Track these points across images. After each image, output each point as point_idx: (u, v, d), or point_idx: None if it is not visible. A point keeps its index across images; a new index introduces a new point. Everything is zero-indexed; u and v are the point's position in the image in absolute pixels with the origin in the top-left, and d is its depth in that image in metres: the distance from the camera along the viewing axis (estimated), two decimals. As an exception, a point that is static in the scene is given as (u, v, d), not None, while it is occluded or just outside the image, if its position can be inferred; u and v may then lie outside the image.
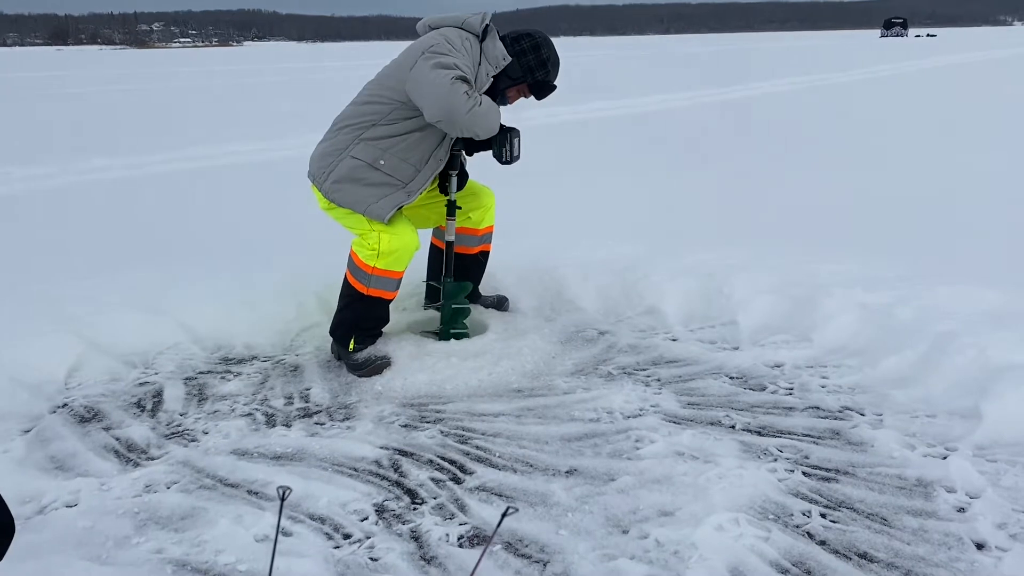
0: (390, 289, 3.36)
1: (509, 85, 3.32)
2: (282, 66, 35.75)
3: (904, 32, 76.58)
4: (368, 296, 3.32)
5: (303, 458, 2.67)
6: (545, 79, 3.35)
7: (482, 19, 3.23)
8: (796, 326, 3.53)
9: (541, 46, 3.31)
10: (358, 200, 3.22)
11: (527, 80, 3.33)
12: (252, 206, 6.22)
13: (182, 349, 3.59)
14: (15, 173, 7.93)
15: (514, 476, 2.51)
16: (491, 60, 3.23)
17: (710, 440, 2.67)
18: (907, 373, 3.06)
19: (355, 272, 3.32)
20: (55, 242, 5.18)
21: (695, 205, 5.73)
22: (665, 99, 14.60)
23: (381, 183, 3.22)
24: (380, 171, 3.21)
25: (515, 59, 3.27)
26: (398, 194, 3.25)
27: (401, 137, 3.21)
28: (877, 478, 2.47)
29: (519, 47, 3.29)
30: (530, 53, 3.30)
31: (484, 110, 3.08)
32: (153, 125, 12.11)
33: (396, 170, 3.23)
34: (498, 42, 3.26)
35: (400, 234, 3.26)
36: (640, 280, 4.02)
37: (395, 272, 3.32)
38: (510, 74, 3.28)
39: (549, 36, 3.41)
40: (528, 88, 3.38)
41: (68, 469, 2.63)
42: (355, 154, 3.21)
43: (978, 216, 5.13)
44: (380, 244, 3.23)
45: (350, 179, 3.21)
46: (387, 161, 3.21)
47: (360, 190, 3.21)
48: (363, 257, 3.28)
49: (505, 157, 3.30)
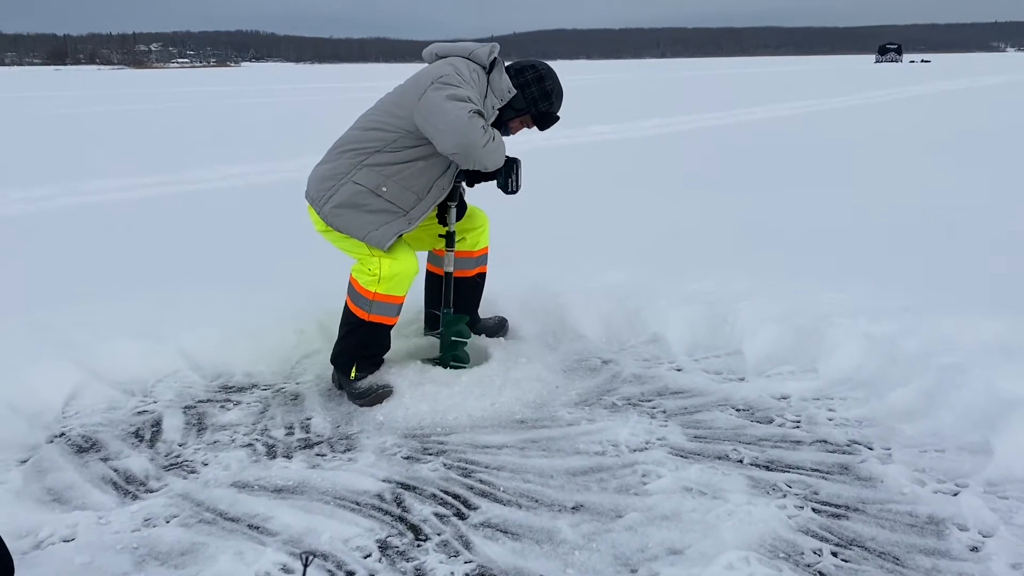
0: (391, 315, 3.33)
1: (513, 116, 3.34)
2: (281, 87, 35.86)
3: (899, 58, 77.18)
4: (369, 322, 3.29)
5: (304, 491, 2.63)
6: (548, 110, 3.38)
7: (490, 52, 3.25)
8: (801, 356, 3.50)
9: (544, 78, 3.34)
10: (358, 226, 3.20)
11: (531, 111, 3.35)
12: (251, 230, 6.19)
13: (181, 377, 3.55)
14: (12, 195, 7.89)
15: (519, 512, 2.47)
16: (497, 92, 3.24)
17: (718, 475, 2.64)
18: (914, 406, 3.04)
19: (356, 299, 3.29)
20: (53, 265, 5.14)
21: (696, 231, 5.71)
22: (664, 123, 14.65)
23: (382, 210, 3.20)
24: (382, 198, 3.19)
25: (519, 90, 3.29)
26: (399, 221, 3.23)
27: (405, 165, 3.20)
28: (888, 515, 2.43)
29: (523, 79, 3.31)
30: (534, 85, 3.32)
31: (497, 144, 3.10)
32: (151, 146, 12.10)
33: (398, 198, 3.21)
34: (504, 75, 3.27)
35: (400, 259, 3.24)
36: (643, 307, 4.00)
37: (396, 297, 3.29)
38: (514, 105, 3.30)
39: (551, 66, 3.42)
40: (531, 119, 3.39)
41: (66, 502, 2.59)
42: (357, 179, 3.19)
43: (980, 244, 5.12)
44: (381, 269, 3.21)
45: (351, 204, 3.19)
46: (389, 188, 3.19)
47: (361, 216, 3.19)
48: (363, 283, 3.25)
49: (511, 187, 3.32)
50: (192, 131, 14.92)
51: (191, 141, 12.89)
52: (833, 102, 20.00)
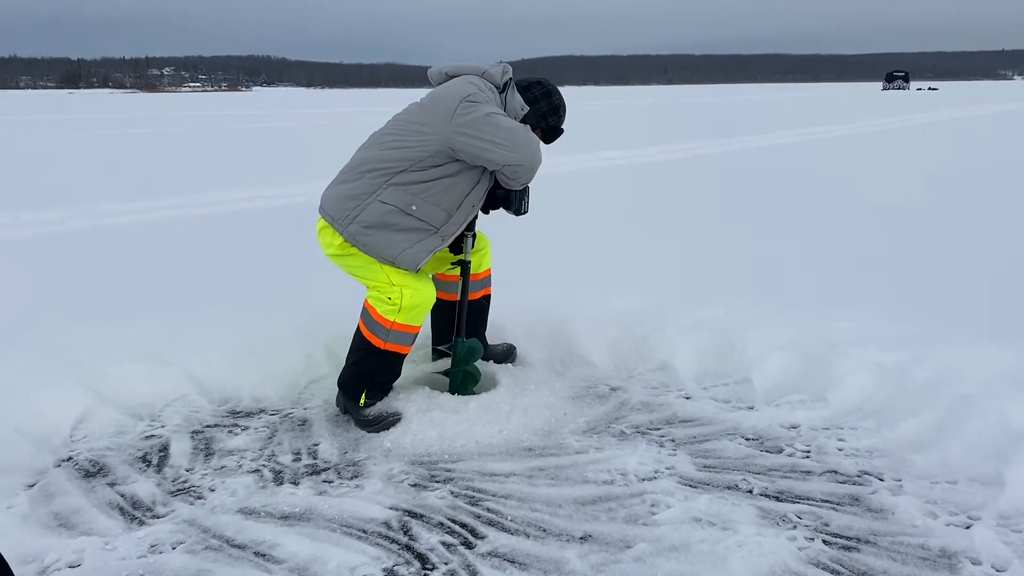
0: (407, 344, 3.32)
1: None
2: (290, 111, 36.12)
3: (906, 85, 77.37)
4: (385, 351, 3.28)
5: (311, 518, 2.62)
6: (557, 124, 3.47)
7: (503, 71, 3.29)
8: (811, 385, 3.49)
9: (552, 93, 3.43)
10: (389, 245, 3.18)
11: (540, 126, 3.42)
12: (260, 254, 6.22)
13: (189, 401, 3.55)
14: (24, 217, 7.95)
15: (527, 541, 2.46)
16: (511, 111, 3.30)
17: (728, 505, 2.61)
18: (925, 436, 3.01)
19: (371, 326, 3.27)
20: (62, 288, 5.16)
21: (704, 257, 5.71)
22: (672, 149, 14.69)
23: (413, 228, 3.20)
24: (412, 216, 3.18)
25: (529, 107, 3.35)
26: (432, 239, 3.24)
27: (434, 182, 3.19)
28: (900, 548, 2.40)
29: (532, 95, 3.39)
30: (542, 100, 3.40)
31: None
32: (161, 169, 12.18)
33: (428, 215, 3.21)
34: (517, 94, 3.33)
35: (421, 289, 3.25)
36: (651, 334, 3.98)
37: (414, 327, 3.29)
38: (525, 121, 3.35)
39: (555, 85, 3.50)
40: (541, 134, 3.45)
41: (72, 527, 2.58)
42: (384, 199, 3.17)
43: (991, 273, 5.11)
44: (403, 299, 3.20)
45: (382, 225, 3.17)
46: (419, 207, 3.19)
47: (392, 236, 3.18)
48: (382, 311, 3.24)
49: (523, 209, 3.39)
50: (202, 155, 15.03)
51: (201, 165, 12.98)
52: (840, 129, 20.04)
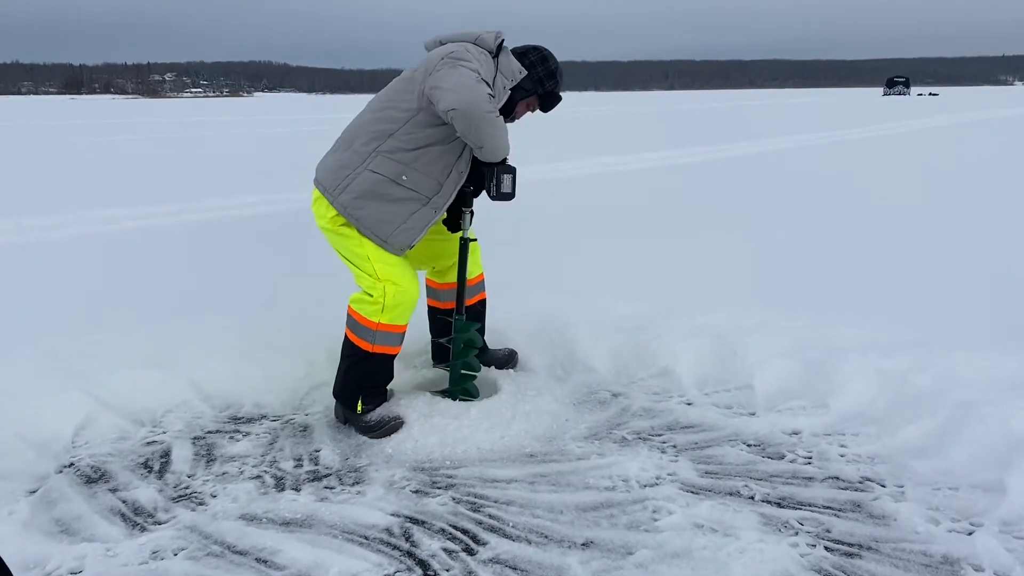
0: (395, 344, 3.32)
1: (522, 97, 3.35)
2: (292, 117, 36.17)
3: (906, 91, 77.27)
4: (374, 354, 3.28)
5: (312, 524, 2.61)
6: (554, 89, 3.42)
7: (496, 36, 3.25)
8: (812, 391, 3.48)
9: (548, 58, 3.39)
10: (383, 221, 3.16)
11: (537, 91, 3.38)
12: (261, 259, 6.22)
13: (190, 407, 3.55)
14: (26, 223, 7.96)
15: (529, 548, 2.45)
16: (507, 74, 3.25)
17: (729, 512, 2.61)
18: (927, 443, 3.01)
19: (357, 330, 3.27)
20: (63, 294, 5.17)
21: (705, 263, 5.72)
22: (673, 155, 14.70)
23: (405, 198, 3.18)
24: (403, 186, 3.16)
25: (526, 72, 3.31)
26: (424, 211, 3.22)
27: (422, 150, 3.16)
28: (902, 554, 2.40)
29: (528, 60, 3.34)
30: (539, 65, 3.35)
31: (500, 123, 3.08)
32: (162, 175, 12.19)
33: (419, 184, 3.18)
34: (512, 57, 3.29)
35: (403, 285, 3.23)
36: (652, 340, 3.99)
37: (399, 327, 3.29)
38: (523, 86, 3.31)
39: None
40: (537, 100, 3.42)
41: (74, 533, 2.58)
42: (374, 168, 3.16)
43: (993, 278, 5.11)
44: (385, 298, 3.20)
45: (373, 195, 3.16)
46: (409, 176, 3.16)
47: (385, 207, 3.16)
48: (366, 313, 3.23)
49: (492, 191, 3.23)
50: (204, 160, 15.05)
51: (202, 170, 12.99)
52: (841, 134, 20.06)
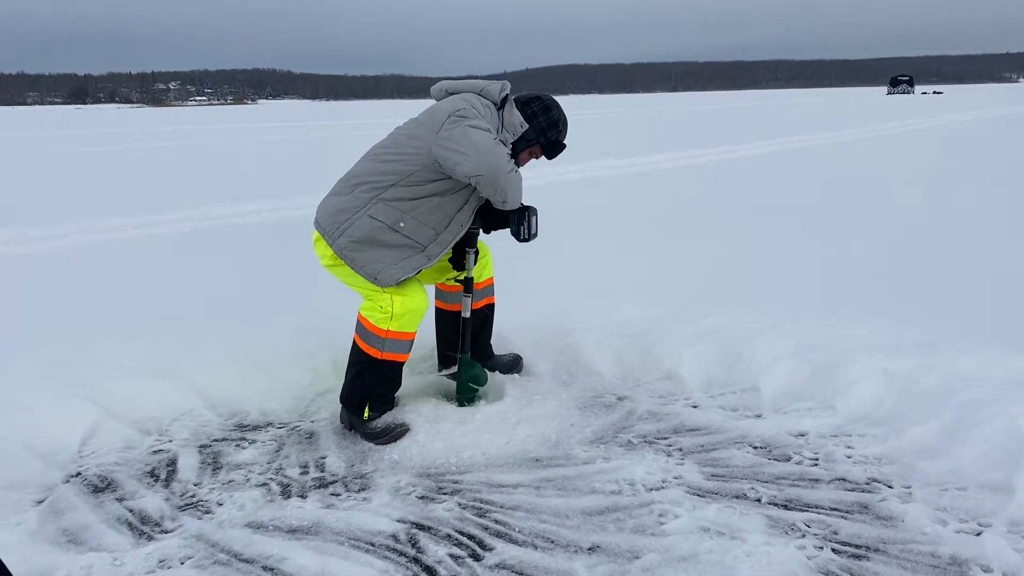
0: (404, 351, 3.33)
1: (524, 148, 3.38)
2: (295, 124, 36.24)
3: (911, 89, 77.18)
4: (382, 361, 3.29)
5: (319, 532, 2.62)
6: (557, 139, 3.44)
7: (501, 88, 3.29)
8: (818, 393, 3.47)
9: (551, 108, 3.40)
10: (374, 262, 3.20)
11: (540, 141, 3.40)
12: (265, 267, 6.23)
13: (196, 415, 3.56)
14: (30, 233, 7.98)
15: (535, 553, 2.45)
16: (509, 127, 3.29)
17: (736, 515, 2.60)
18: (934, 443, 3.00)
19: (366, 337, 3.28)
20: (68, 303, 5.18)
21: (708, 265, 5.71)
22: (675, 157, 14.70)
23: (400, 244, 3.21)
24: (399, 233, 3.20)
25: (528, 122, 3.33)
26: (417, 257, 3.25)
27: (423, 200, 3.20)
28: (910, 556, 2.39)
29: (530, 110, 3.37)
30: (541, 115, 3.38)
31: (518, 177, 3.18)
32: (166, 183, 12.23)
33: (415, 233, 3.22)
34: (515, 110, 3.32)
35: (411, 295, 3.25)
36: (657, 344, 3.98)
37: (408, 334, 3.30)
38: (525, 137, 3.35)
39: (553, 97, 3.48)
40: (540, 149, 3.44)
41: (81, 543, 2.59)
42: (373, 214, 3.19)
43: (998, 278, 5.09)
44: (393, 306, 3.21)
45: (368, 241, 3.19)
46: (407, 224, 3.20)
47: (378, 252, 3.20)
48: (375, 321, 3.25)
49: (523, 235, 3.33)
50: (207, 168, 15.09)
51: (206, 178, 13.03)
52: (845, 134, 20.02)
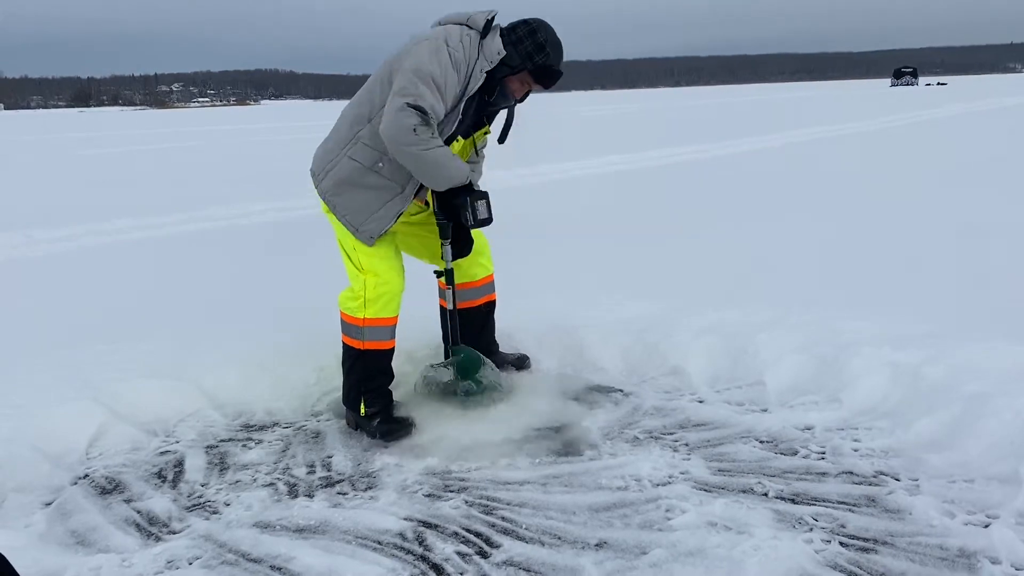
0: (385, 338, 3.34)
1: (507, 74, 3.23)
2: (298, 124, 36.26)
3: (914, 81, 76.86)
4: (365, 351, 3.31)
5: (326, 531, 2.62)
6: (545, 63, 3.23)
7: (487, 15, 3.19)
8: (825, 387, 3.47)
9: (537, 31, 3.22)
10: (357, 210, 3.20)
11: (527, 67, 3.23)
12: (270, 267, 6.24)
13: (203, 416, 3.57)
14: (37, 235, 8.00)
15: (542, 549, 2.45)
16: (487, 56, 3.17)
17: (743, 509, 2.60)
18: (941, 436, 2.99)
19: (347, 330, 3.33)
20: (76, 306, 5.19)
21: (713, 260, 5.69)
22: (679, 152, 14.67)
23: (380, 187, 3.20)
24: (379, 174, 3.18)
25: (512, 47, 3.19)
26: (397, 200, 3.22)
27: None
28: (918, 548, 2.39)
29: (515, 36, 3.22)
30: (527, 39, 3.21)
31: (430, 155, 3.03)
32: (171, 185, 12.25)
33: (395, 174, 3.18)
34: (497, 38, 3.19)
35: (388, 280, 3.26)
36: (662, 340, 3.98)
37: (385, 320, 3.30)
38: (508, 63, 3.21)
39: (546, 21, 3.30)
40: (531, 77, 3.28)
41: (89, 544, 2.60)
42: (352, 155, 3.19)
43: (1003, 269, 5.07)
44: (366, 290, 3.24)
45: (349, 183, 3.20)
46: (386, 165, 3.17)
47: (359, 195, 3.19)
48: (351, 311, 3.29)
49: (465, 219, 3.24)
50: (212, 169, 15.12)
51: (210, 179, 13.05)
52: (850, 127, 19.97)
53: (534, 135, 20.01)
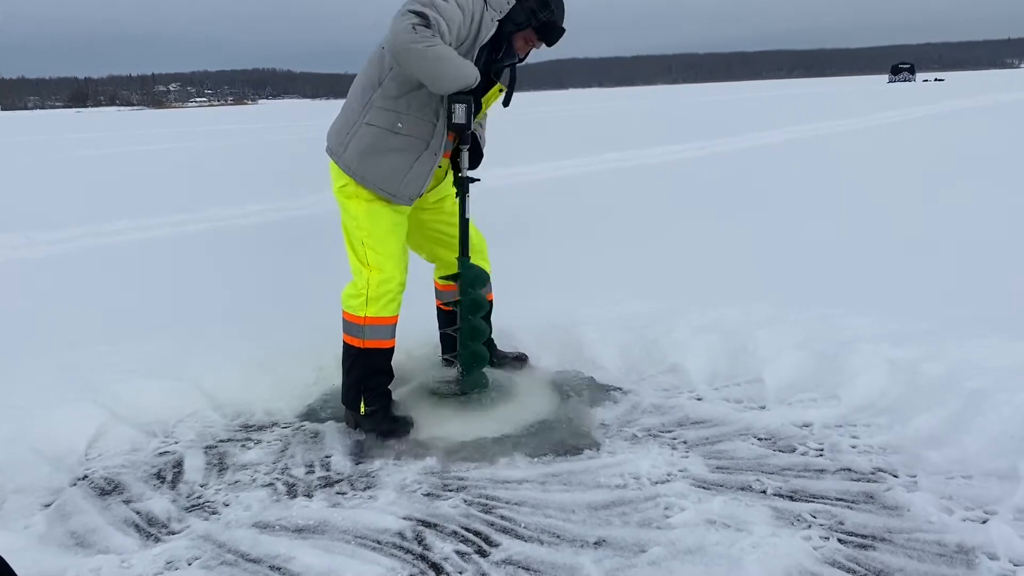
0: (385, 337, 3.33)
1: (514, 30, 3.22)
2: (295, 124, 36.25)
3: (912, 77, 76.89)
4: (366, 349, 3.30)
5: (325, 531, 2.62)
6: (550, 19, 3.22)
7: None
8: (823, 383, 3.47)
9: None
10: (389, 175, 3.15)
11: (532, 23, 3.21)
12: (269, 267, 6.24)
13: (202, 416, 3.57)
14: (38, 237, 8.00)
15: (541, 548, 2.45)
16: (495, 5, 3.14)
17: (741, 507, 2.60)
18: (940, 432, 3.00)
19: (348, 328, 3.32)
20: (74, 307, 5.19)
21: (710, 259, 5.70)
22: (677, 150, 14.67)
23: (404, 148, 3.15)
24: (400, 134, 3.15)
25: (517, 3, 3.18)
26: (426, 156, 3.18)
27: (411, 94, 3.11)
28: (916, 545, 2.39)
29: None
30: None
31: (432, 52, 2.90)
32: (169, 185, 12.25)
33: (415, 130, 3.15)
34: None
35: (389, 275, 3.24)
36: (661, 337, 3.98)
37: (386, 319, 3.30)
38: (514, 19, 3.19)
39: None
40: (535, 34, 3.27)
41: (89, 545, 2.60)
42: (370, 120, 3.16)
43: (1002, 265, 5.08)
44: (369, 288, 3.22)
45: (374, 150, 3.15)
46: (404, 123, 3.14)
47: (387, 160, 3.15)
48: (353, 309, 3.27)
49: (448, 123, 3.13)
50: (209, 169, 15.11)
51: (208, 179, 13.04)
52: (848, 123, 19.97)
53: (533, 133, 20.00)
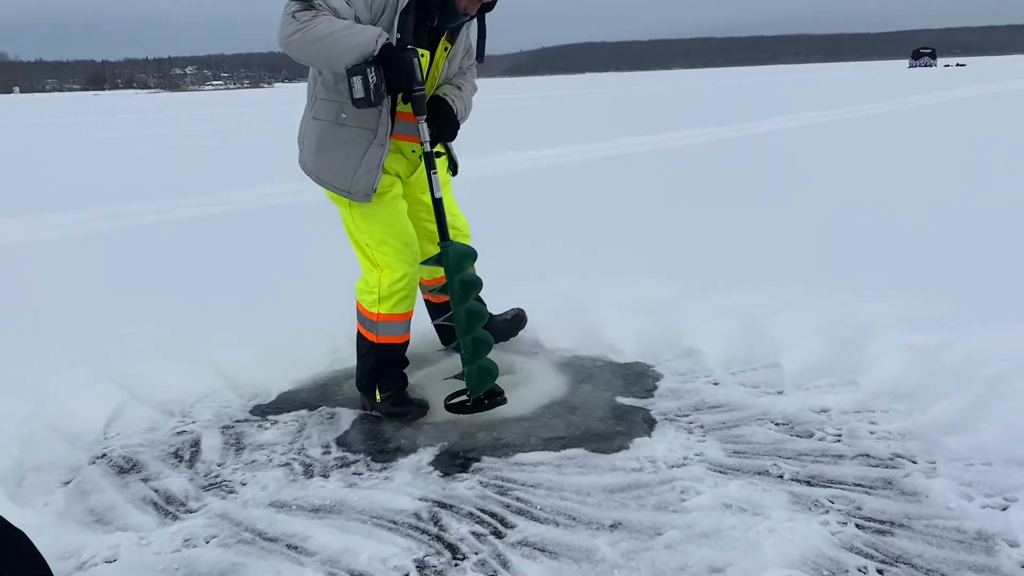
0: (399, 332, 3.32)
1: None
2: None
3: (933, 62, 75.95)
4: (379, 344, 3.29)
5: (342, 511, 2.63)
6: None
7: None
8: (841, 369, 3.44)
9: None
10: (338, 174, 3.07)
11: None
12: (286, 249, 6.25)
13: (219, 396, 3.59)
14: (53, 219, 8.06)
15: (557, 530, 2.45)
16: None
17: (758, 491, 2.59)
18: (959, 418, 2.96)
19: (363, 322, 3.31)
20: (92, 288, 5.23)
21: (728, 242, 5.66)
22: (693, 134, 14.57)
23: (351, 139, 3.06)
24: (346, 126, 3.06)
25: None
26: (374, 148, 3.06)
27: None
28: (934, 531, 2.37)
29: None
30: None
31: (308, 35, 2.81)
32: (186, 168, 12.29)
33: (360, 119, 3.04)
34: None
35: (401, 273, 3.19)
36: (678, 321, 3.96)
37: (399, 315, 3.28)
38: None
39: None
40: None
41: (107, 523, 2.62)
42: (316, 115, 3.12)
43: (1021, 251, 5.01)
44: (380, 288, 3.20)
45: (323, 147, 3.10)
46: (348, 112, 3.04)
47: (336, 155, 3.07)
48: (367, 304, 3.26)
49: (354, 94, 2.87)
50: (226, 151, 15.14)
51: (225, 162, 13.07)
52: (868, 108, 19.77)
53: (551, 117, 19.92)
